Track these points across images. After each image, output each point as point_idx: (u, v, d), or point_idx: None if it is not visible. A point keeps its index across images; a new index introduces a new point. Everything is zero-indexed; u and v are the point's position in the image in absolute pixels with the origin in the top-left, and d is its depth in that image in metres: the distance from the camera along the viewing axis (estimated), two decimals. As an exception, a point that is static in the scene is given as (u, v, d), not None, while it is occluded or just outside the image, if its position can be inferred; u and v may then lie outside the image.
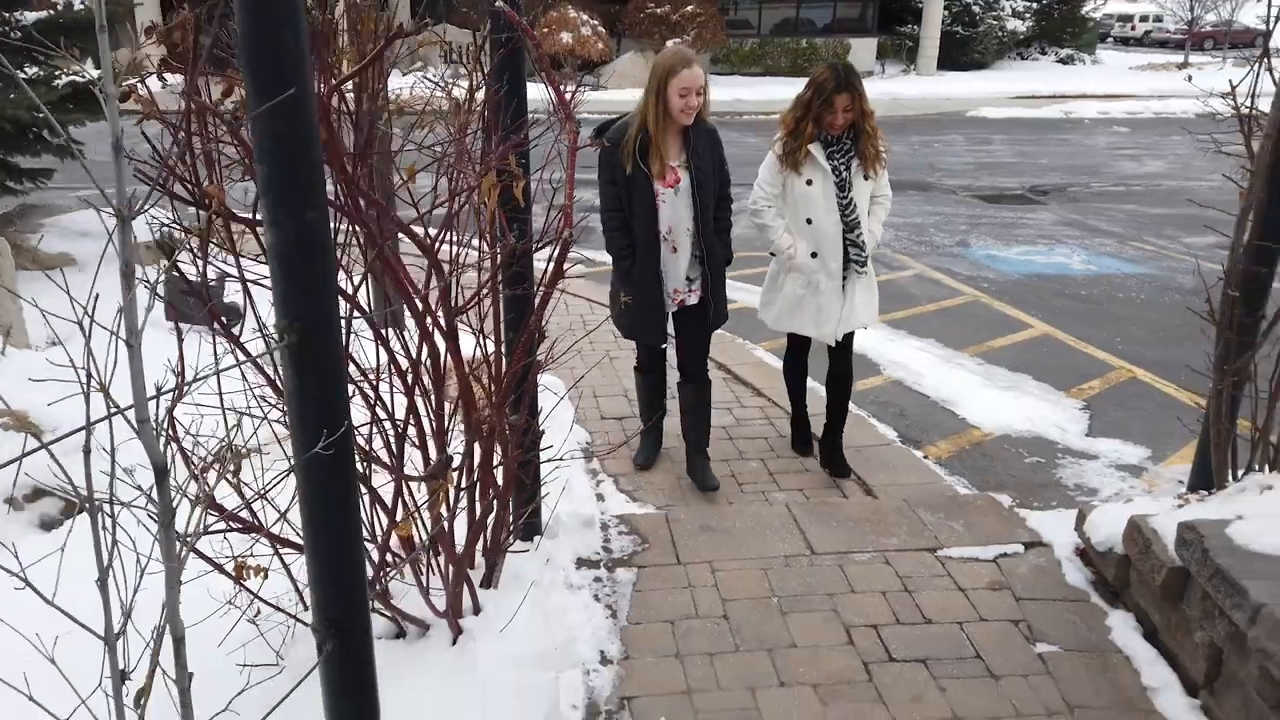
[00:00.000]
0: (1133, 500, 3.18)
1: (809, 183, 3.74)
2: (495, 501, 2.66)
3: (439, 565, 2.60)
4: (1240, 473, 3.02)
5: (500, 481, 2.66)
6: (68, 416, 3.43)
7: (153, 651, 1.41)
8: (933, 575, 3.09)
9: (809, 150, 3.69)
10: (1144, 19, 41.51)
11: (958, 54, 26.74)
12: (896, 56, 27.62)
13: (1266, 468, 2.94)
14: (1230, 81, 2.86)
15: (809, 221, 3.80)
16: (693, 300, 3.79)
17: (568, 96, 2.45)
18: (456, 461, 2.50)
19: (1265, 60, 2.88)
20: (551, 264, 2.48)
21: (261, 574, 2.23)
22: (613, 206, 3.63)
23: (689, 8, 22.49)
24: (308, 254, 1.52)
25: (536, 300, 2.56)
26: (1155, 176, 12.69)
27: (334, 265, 1.65)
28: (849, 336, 3.99)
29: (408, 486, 2.37)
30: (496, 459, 2.62)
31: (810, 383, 4.32)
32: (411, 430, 2.46)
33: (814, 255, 3.83)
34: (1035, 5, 29.94)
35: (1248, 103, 2.83)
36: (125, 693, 1.37)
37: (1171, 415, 4.87)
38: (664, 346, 3.96)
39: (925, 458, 4.42)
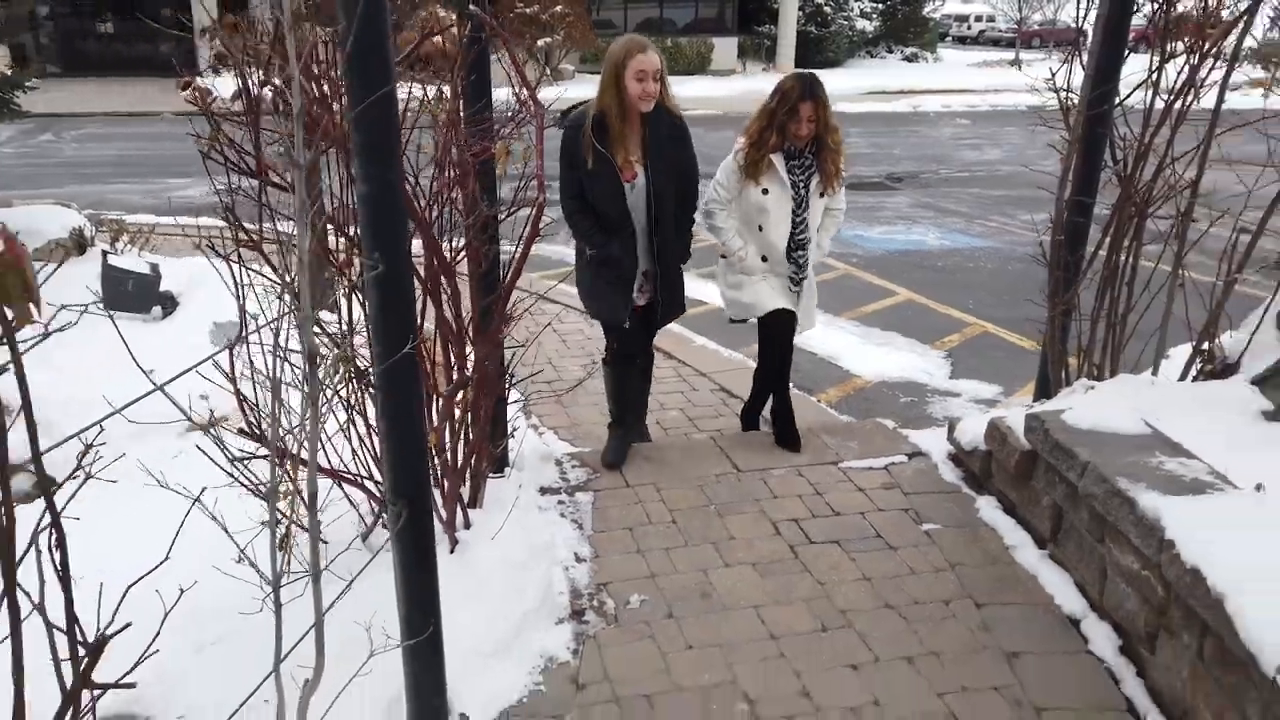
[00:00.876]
0: (989, 412, 3.92)
1: (765, 191, 3.69)
2: (479, 431, 3.14)
3: (440, 485, 3.05)
4: (1072, 383, 3.79)
5: (483, 414, 3.13)
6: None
7: (293, 508, 1.85)
8: (837, 481, 3.73)
9: (770, 160, 3.63)
10: (978, 19, 44.42)
11: (813, 53, 28.15)
12: (756, 55, 28.84)
13: (1089, 378, 3.71)
14: (1050, 69, 3.61)
15: (760, 229, 3.75)
16: (642, 300, 3.74)
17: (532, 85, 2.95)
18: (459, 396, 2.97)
19: (1077, 54, 3.64)
20: (529, 225, 2.98)
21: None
22: (573, 192, 3.54)
23: (558, 8, 22.95)
24: (389, 203, 1.98)
25: (516, 256, 3.05)
26: (994, 163, 14.01)
27: (404, 213, 2.11)
28: (793, 319, 3.92)
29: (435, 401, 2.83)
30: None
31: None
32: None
33: (764, 259, 3.81)
34: (881, 6, 31.80)
35: (1066, 88, 3.58)
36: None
37: (1017, 360, 5.75)
38: (627, 326, 3.79)
39: (820, 401, 5.11)
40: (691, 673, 2.66)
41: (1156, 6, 3.52)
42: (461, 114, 2.99)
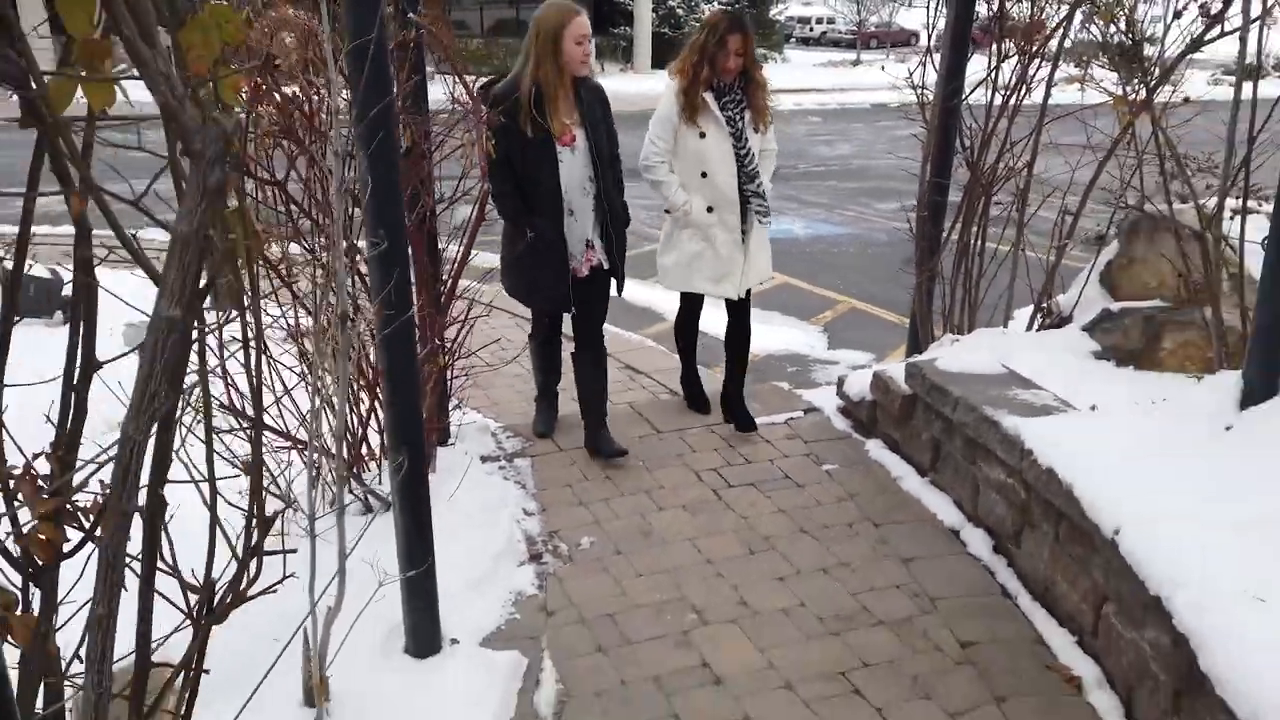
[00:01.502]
0: (870, 369, 4.48)
1: (702, 135, 3.72)
2: (432, 404, 3.44)
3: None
4: (938, 339, 4.40)
5: (434, 389, 3.44)
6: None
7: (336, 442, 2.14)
8: (746, 436, 4.21)
9: (704, 99, 3.66)
10: (819, 21, 46.54)
11: (668, 53, 28.83)
12: (614, 56, 29.43)
13: (952, 333, 4.33)
14: (909, 70, 4.19)
15: (704, 175, 3.78)
16: (592, 265, 3.72)
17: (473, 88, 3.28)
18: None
19: (929, 55, 4.23)
20: (474, 210, 3.31)
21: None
22: (503, 165, 3.45)
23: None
24: (389, 189, 2.29)
25: (464, 241, 3.38)
26: (847, 157, 14.99)
27: (401, 200, 2.42)
28: (748, 292, 4.05)
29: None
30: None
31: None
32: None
33: (710, 210, 3.83)
34: (729, 9, 32.99)
35: (921, 85, 4.17)
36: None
37: (885, 331, 6.42)
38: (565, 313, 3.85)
39: (717, 374, 5.59)
40: (644, 594, 3.07)
41: (991, 15, 4.16)
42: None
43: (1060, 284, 4.28)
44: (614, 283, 3.82)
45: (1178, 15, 3.52)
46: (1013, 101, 4.11)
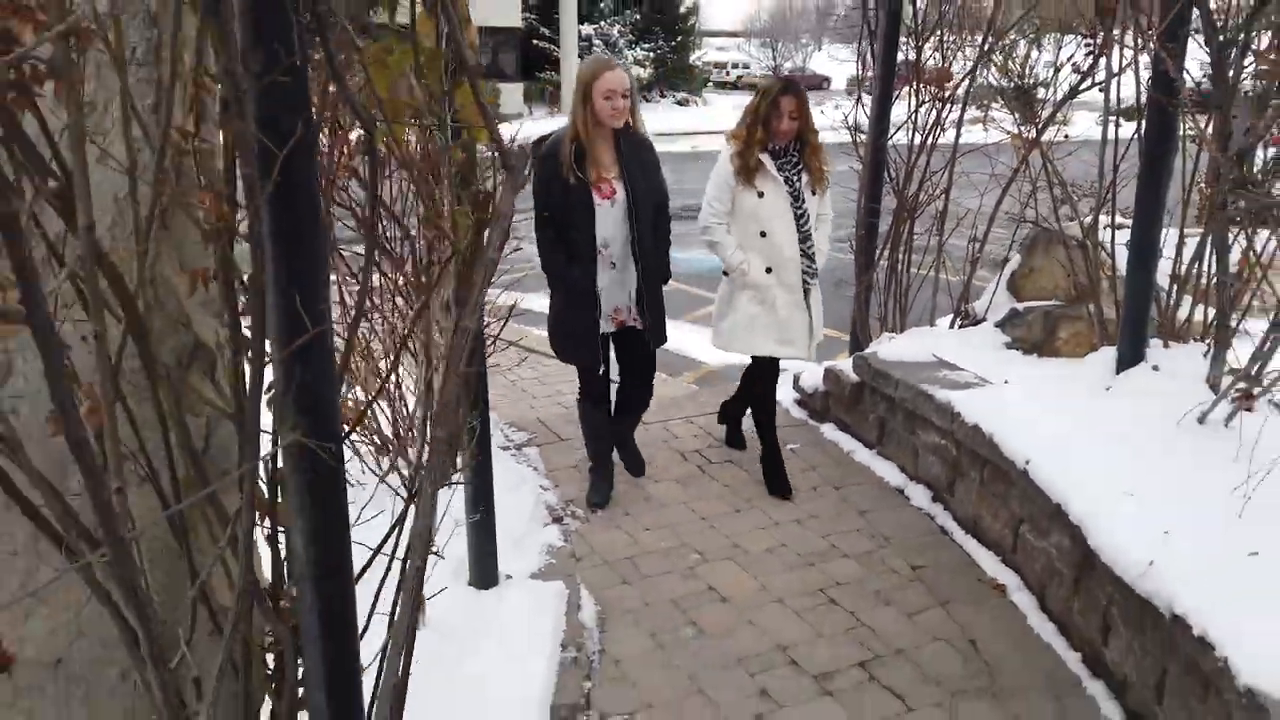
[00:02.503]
0: (822, 364, 5.24)
1: (760, 195, 3.73)
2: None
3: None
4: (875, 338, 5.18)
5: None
6: None
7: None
8: (720, 425, 4.90)
9: (761, 160, 3.70)
10: (735, 66, 48.40)
11: (595, 97, 29.95)
12: (541, 100, 30.34)
13: (888, 333, 5.11)
14: (844, 114, 5.00)
15: (762, 235, 3.78)
16: (634, 321, 3.76)
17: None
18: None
19: (859, 102, 5.05)
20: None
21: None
22: (546, 224, 3.56)
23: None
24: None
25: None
26: (773, 193, 15.97)
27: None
28: (777, 360, 4.07)
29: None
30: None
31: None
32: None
33: (768, 271, 3.82)
34: (652, 55, 34.27)
35: (855, 126, 4.98)
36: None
37: (831, 342, 7.20)
38: (603, 372, 3.83)
39: (685, 383, 6.30)
40: (653, 542, 3.72)
41: (909, 66, 5.00)
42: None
43: (974, 294, 5.11)
44: (650, 339, 3.81)
45: (1057, 69, 4.39)
46: (930, 140, 4.95)
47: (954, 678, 2.93)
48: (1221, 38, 3.20)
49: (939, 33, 4.88)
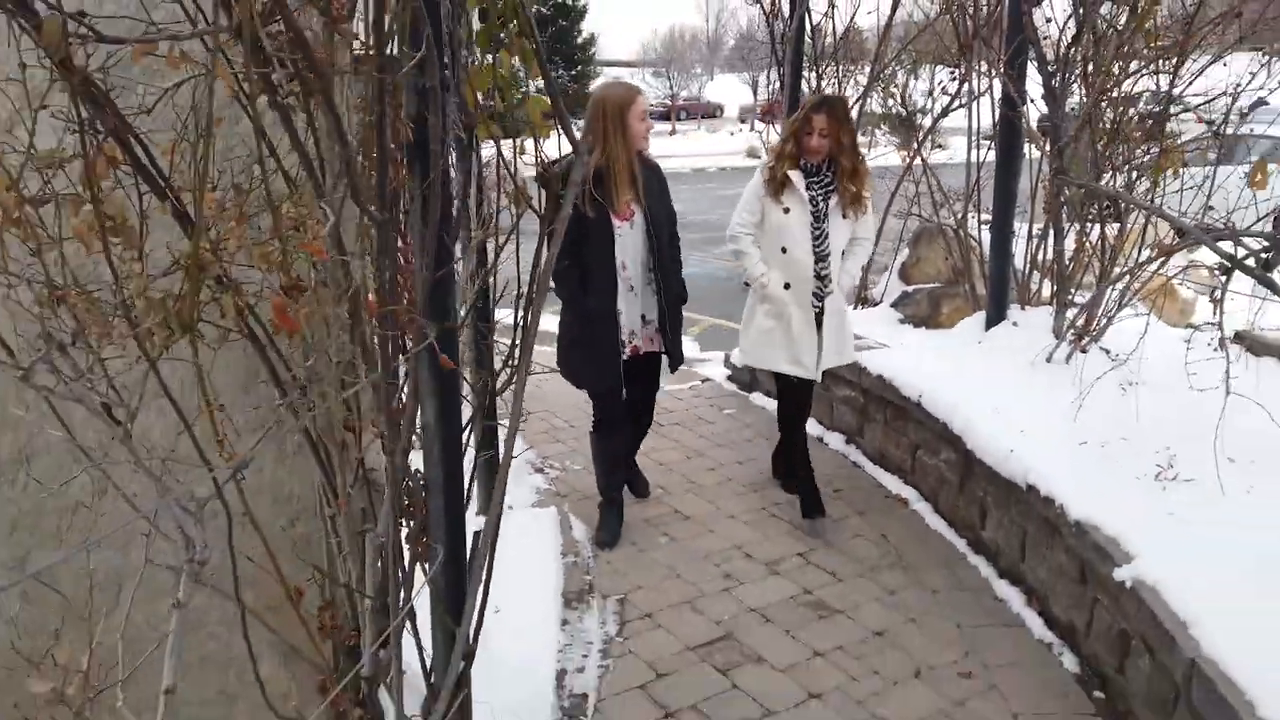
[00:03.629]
0: (747, 348, 6.11)
1: (786, 211, 3.71)
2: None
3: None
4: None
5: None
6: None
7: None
8: (663, 398, 5.70)
9: (789, 177, 3.68)
10: (633, 96, 49.86)
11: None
12: (446, 128, 30.84)
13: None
14: (761, 136, 5.90)
15: (784, 250, 3.76)
16: (649, 346, 3.76)
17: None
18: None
19: (752, 124, 5.97)
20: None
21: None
22: (566, 247, 3.11)
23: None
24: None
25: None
26: (681, 214, 16.95)
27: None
28: (807, 401, 4.03)
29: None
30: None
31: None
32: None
33: (787, 286, 3.80)
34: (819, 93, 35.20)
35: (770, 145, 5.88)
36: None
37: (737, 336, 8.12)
38: (622, 396, 3.80)
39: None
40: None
41: (810, 91, 5.94)
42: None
43: (872, 284, 6.07)
44: (665, 361, 3.85)
45: (931, 95, 5.38)
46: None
47: (871, 559, 3.78)
48: (1050, 67, 4.20)
49: (834, 63, 5.85)
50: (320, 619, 2.33)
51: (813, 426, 5.12)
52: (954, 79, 4.88)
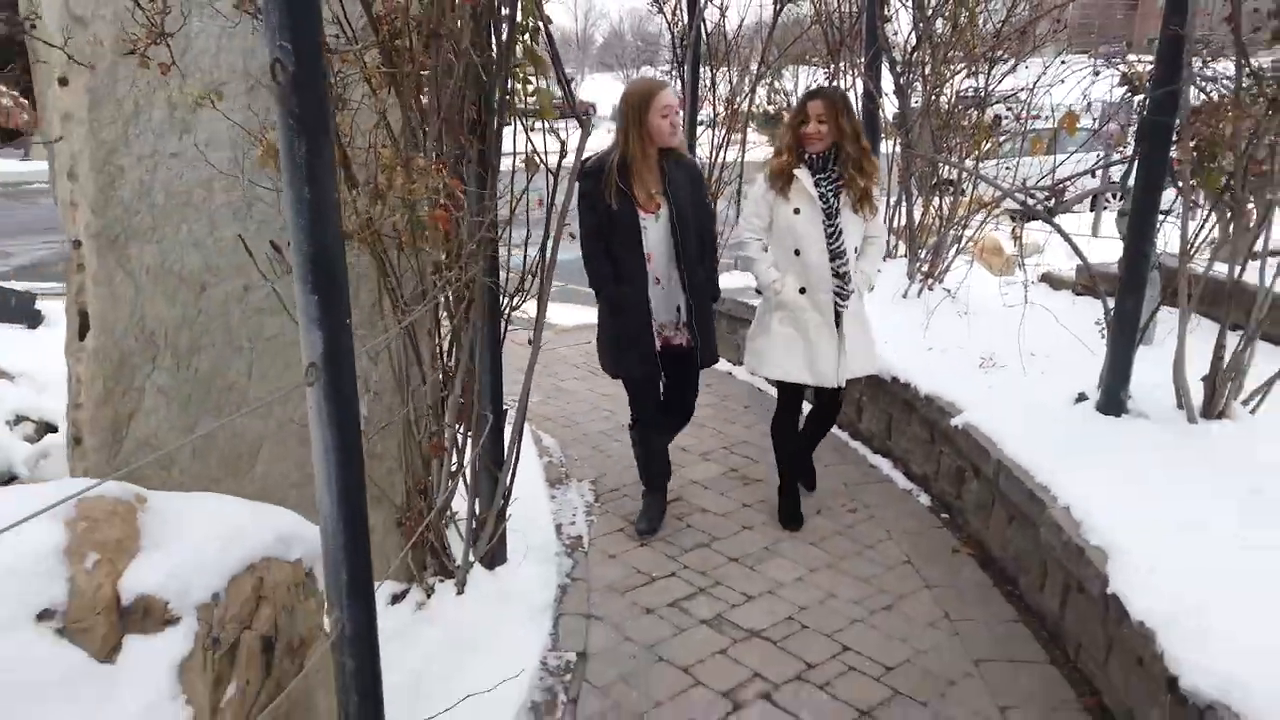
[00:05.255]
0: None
1: (796, 211, 3.57)
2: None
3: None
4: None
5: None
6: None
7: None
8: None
9: (795, 175, 3.56)
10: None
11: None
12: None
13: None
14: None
15: (797, 253, 3.61)
16: (679, 339, 3.72)
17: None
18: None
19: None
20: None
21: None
22: (593, 234, 3.55)
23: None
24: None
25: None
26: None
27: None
28: (840, 387, 3.77)
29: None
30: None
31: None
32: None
33: (802, 291, 3.64)
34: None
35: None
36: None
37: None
38: (661, 388, 3.83)
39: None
40: (593, 424, 5.46)
41: (707, 87, 7.03)
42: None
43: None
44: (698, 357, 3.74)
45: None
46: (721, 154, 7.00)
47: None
48: (898, 69, 5.42)
49: (725, 65, 6.96)
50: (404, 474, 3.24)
51: (765, 385, 6.23)
52: (827, 78, 6.06)
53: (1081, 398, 3.79)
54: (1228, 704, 2.05)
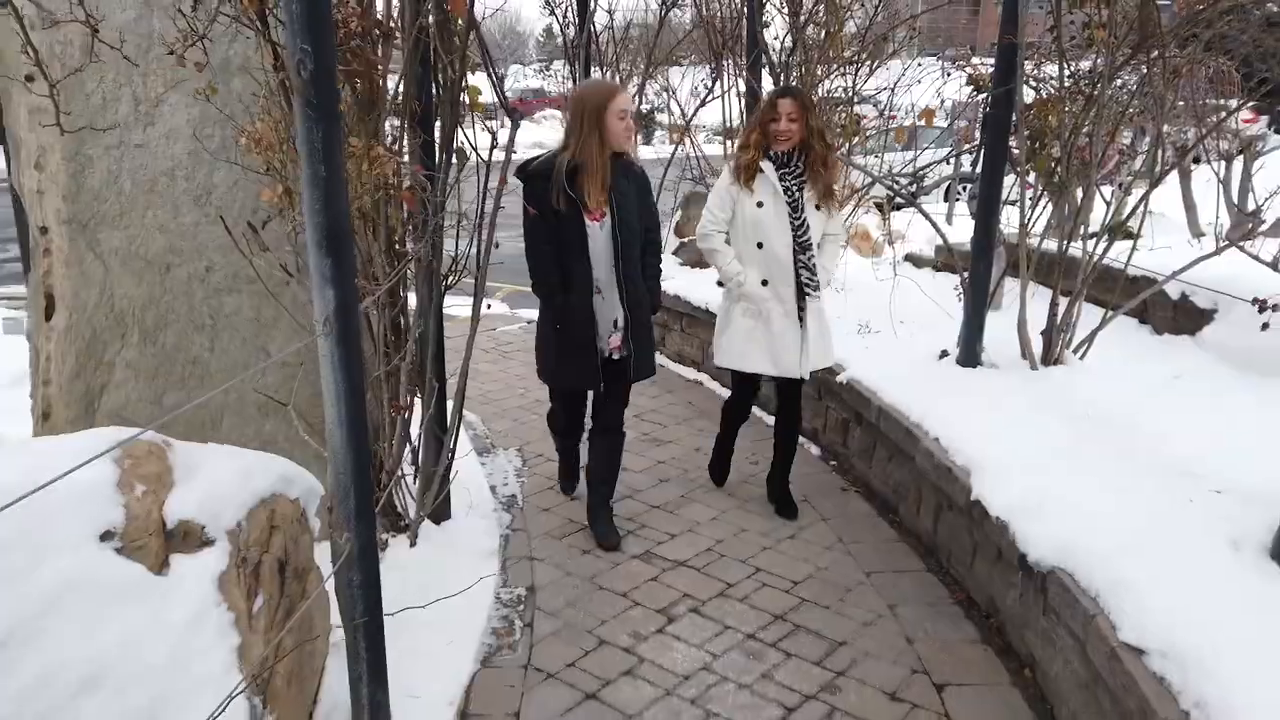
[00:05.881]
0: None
1: (760, 204, 3.61)
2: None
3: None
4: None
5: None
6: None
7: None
8: (506, 334, 7.04)
9: (761, 168, 3.60)
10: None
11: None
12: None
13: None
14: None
15: (760, 246, 3.64)
16: (621, 351, 3.61)
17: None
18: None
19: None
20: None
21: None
22: (543, 239, 3.47)
23: None
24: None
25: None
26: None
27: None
28: (800, 381, 3.84)
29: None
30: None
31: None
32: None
33: (765, 283, 3.68)
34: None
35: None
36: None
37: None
38: (587, 399, 3.84)
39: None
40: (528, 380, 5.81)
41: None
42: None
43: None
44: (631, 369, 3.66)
45: (694, 91, 7.08)
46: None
47: (686, 415, 5.38)
48: (777, 70, 6.00)
49: (616, 63, 7.43)
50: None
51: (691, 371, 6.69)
52: (712, 78, 6.59)
53: (944, 354, 4.40)
54: (1063, 567, 2.62)
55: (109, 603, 1.95)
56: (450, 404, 3.79)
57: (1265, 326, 3.55)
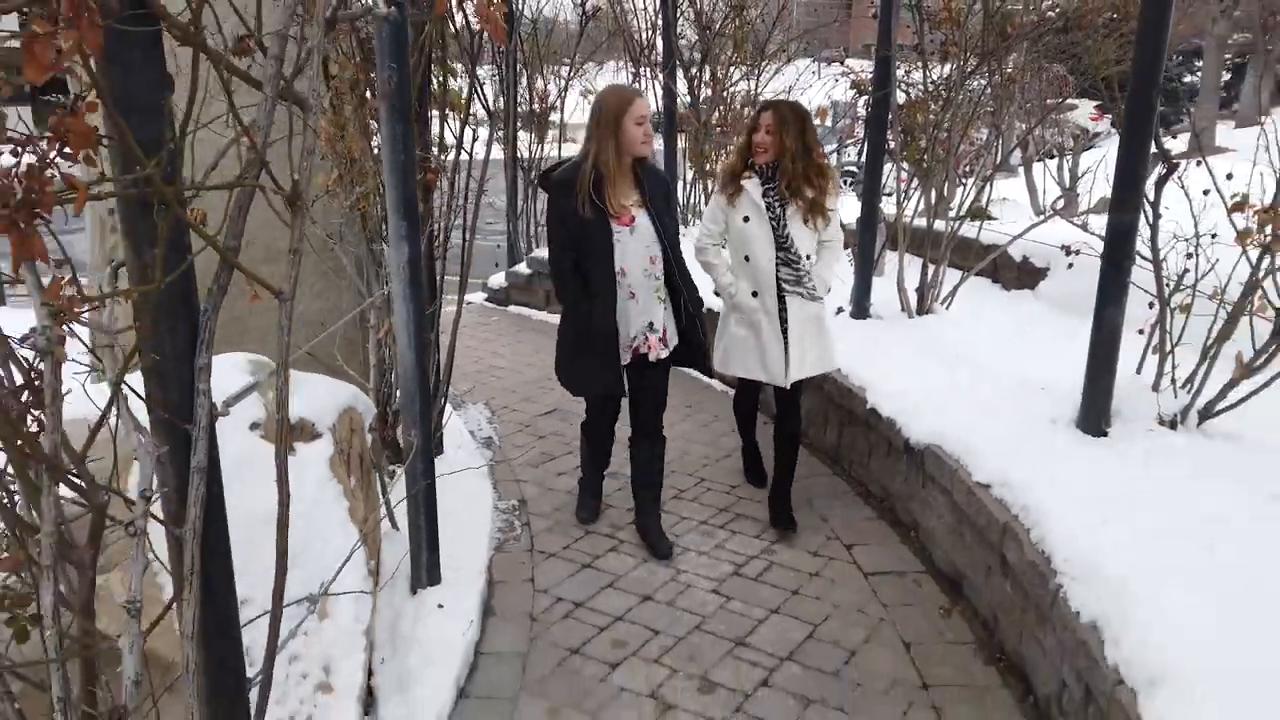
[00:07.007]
0: (502, 270, 8.32)
1: (745, 219, 3.70)
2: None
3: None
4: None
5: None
6: None
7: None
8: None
9: (744, 187, 3.69)
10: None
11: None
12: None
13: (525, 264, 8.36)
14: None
15: (747, 259, 3.74)
16: (658, 352, 3.63)
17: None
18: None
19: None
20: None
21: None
22: (566, 246, 3.50)
23: None
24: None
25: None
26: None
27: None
28: (797, 387, 3.89)
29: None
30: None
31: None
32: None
33: (754, 295, 3.77)
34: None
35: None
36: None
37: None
38: (618, 404, 3.84)
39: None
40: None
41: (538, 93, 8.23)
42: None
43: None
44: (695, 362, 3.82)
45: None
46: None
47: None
48: (690, 74, 6.91)
49: (542, 67, 8.21)
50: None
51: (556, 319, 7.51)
52: (631, 79, 7.44)
53: (840, 310, 5.39)
54: (933, 444, 3.61)
55: (264, 471, 2.68)
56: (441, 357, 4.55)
57: (1070, 265, 4.70)
